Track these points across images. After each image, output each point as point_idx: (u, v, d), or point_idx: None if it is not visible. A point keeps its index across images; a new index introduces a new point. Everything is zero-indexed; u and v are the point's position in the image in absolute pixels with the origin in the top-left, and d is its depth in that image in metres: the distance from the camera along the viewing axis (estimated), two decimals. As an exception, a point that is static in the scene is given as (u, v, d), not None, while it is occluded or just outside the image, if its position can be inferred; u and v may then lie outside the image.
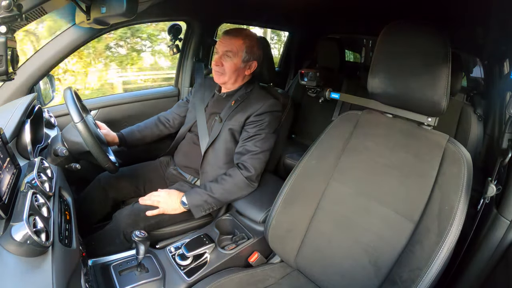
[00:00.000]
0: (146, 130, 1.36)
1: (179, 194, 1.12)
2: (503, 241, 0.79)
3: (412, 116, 0.86)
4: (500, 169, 0.81)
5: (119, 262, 0.94)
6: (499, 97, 1.55)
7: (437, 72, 0.74)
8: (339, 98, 1.26)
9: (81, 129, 0.90)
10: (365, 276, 0.82)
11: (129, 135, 1.31)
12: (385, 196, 0.84)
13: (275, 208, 0.97)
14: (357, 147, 0.92)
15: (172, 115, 1.41)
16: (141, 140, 1.35)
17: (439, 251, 0.70)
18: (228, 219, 1.16)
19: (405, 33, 0.80)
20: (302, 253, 0.94)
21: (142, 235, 0.85)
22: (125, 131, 1.33)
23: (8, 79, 0.76)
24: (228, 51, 1.16)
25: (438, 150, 0.79)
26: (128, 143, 1.30)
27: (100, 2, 0.89)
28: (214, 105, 1.28)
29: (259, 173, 1.16)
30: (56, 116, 1.25)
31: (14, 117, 0.87)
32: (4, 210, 0.55)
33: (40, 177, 0.70)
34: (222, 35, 1.21)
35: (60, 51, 1.17)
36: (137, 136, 1.34)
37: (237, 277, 0.93)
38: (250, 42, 1.18)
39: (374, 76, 0.84)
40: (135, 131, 1.34)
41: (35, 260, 0.53)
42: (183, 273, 0.93)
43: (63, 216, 0.72)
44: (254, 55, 1.20)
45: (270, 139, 1.17)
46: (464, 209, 0.72)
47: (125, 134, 1.30)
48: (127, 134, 1.31)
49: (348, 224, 0.87)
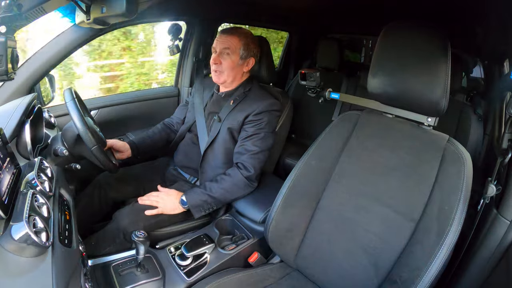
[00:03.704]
0: (156, 136, 1.36)
1: (178, 194, 1.12)
2: (503, 241, 0.79)
3: (412, 116, 0.86)
4: (500, 169, 0.81)
5: (119, 262, 0.94)
6: (499, 97, 1.55)
7: (437, 72, 0.74)
8: (339, 98, 1.26)
9: (81, 129, 0.90)
10: (365, 276, 0.82)
11: (140, 143, 1.30)
12: (385, 196, 0.83)
13: (275, 208, 0.97)
14: (357, 147, 0.92)
15: (176, 120, 1.42)
16: (152, 147, 1.34)
17: (439, 251, 0.70)
18: (228, 219, 1.16)
19: (405, 33, 0.80)
20: (302, 253, 0.94)
21: (142, 235, 0.86)
22: (135, 140, 1.31)
23: (8, 79, 0.76)
24: (226, 48, 1.17)
25: (438, 150, 0.79)
26: (141, 152, 1.30)
27: (100, 2, 0.89)
28: (213, 105, 1.28)
29: (258, 173, 1.16)
30: (56, 116, 1.25)
31: (14, 117, 0.87)
32: (4, 210, 0.55)
33: (40, 177, 0.70)
34: (219, 34, 1.22)
35: (60, 51, 1.17)
36: (149, 143, 1.33)
37: (237, 277, 0.93)
38: (246, 39, 1.20)
39: (373, 76, 0.84)
40: (146, 138, 1.34)
41: (35, 260, 0.53)
42: (183, 273, 0.93)
43: (63, 216, 0.72)
44: (251, 51, 1.22)
45: (269, 138, 1.17)
46: (464, 209, 0.72)
47: (137, 143, 1.29)
48: (139, 143, 1.30)
49: (348, 224, 0.87)
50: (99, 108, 1.49)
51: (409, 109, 0.86)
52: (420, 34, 0.78)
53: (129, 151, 1.25)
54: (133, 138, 1.33)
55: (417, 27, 0.79)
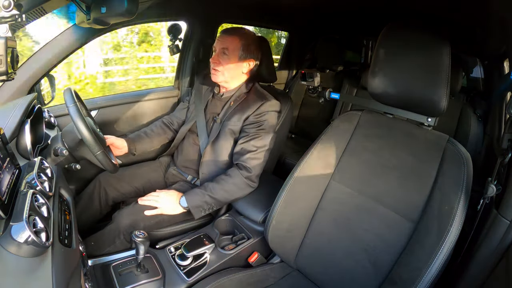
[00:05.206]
0: (153, 134, 1.36)
1: (178, 194, 1.12)
2: (503, 241, 0.78)
3: (412, 116, 0.86)
4: (500, 169, 0.81)
5: (119, 262, 0.94)
6: (499, 97, 1.55)
7: (437, 72, 0.74)
8: (339, 98, 1.26)
9: (81, 128, 0.90)
10: (365, 276, 0.82)
11: (137, 140, 1.30)
12: (385, 196, 0.84)
13: (275, 208, 0.97)
14: (357, 147, 0.92)
15: (175, 119, 1.41)
16: (149, 144, 1.34)
17: (439, 251, 0.70)
18: (228, 219, 1.16)
19: (405, 33, 0.80)
20: (302, 253, 0.94)
21: (142, 235, 0.86)
22: (132, 136, 1.31)
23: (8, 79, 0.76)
24: (225, 48, 1.17)
25: (438, 150, 0.79)
26: (138, 149, 1.30)
27: (100, 2, 0.89)
28: (213, 105, 1.28)
29: (258, 173, 1.16)
30: (56, 116, 1.25)
31: (14, 117, 0.87)
32: (4, 210, 0.55)
33: (40, 177, 0.70)
34: (220, 34, 1.22)
35: (60, 51, 1.17)
36: (146, 140, 1.33)
37: (237, 277, 0.93)
38: (246, 41, 1.19)
39: (374, 76, 0.84)
40: (142, 136, 1.33)
41: (35, 260, 0.53)
42: (183, 273, 0.93)
43: (63, 216, 0.71)
44: (251, 53, 1.21)
45: (269, 139, 1.17)
46: (464, 209, 0.72)
47: (133, 139, 1.29)
48: (135, 140, 1.30)
49: (348, 224, 0.87)
50: (99, 108, 1.49)
51: (409, 109, 0.86)
52: (420, 34, 0.78)
53: (126, 148, 1.25)
54: (130, 135, 1.33)
55: (417, 27, 0.79)
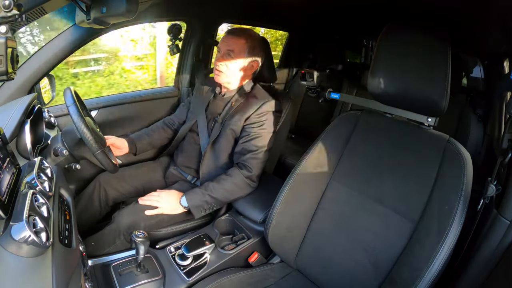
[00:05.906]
0: (155, 134, 1.36)
1: (178, 194, 1.12)
2: (503, 241, 0.78)
3: (412, 116, 0.87)
4: (500, 169, 0.81)
5: (119, 262, 0.94)
6: (499, 97, 1.55)
7: (437, 72, 0.74)
8: (339, 98, 1.26)
9: (81, 128, 0.90)
10: (365, 276, 0.82)
11: (138, 140, 1.31)
12: (385, 196, 0.84)
13: (275, 208, 0.97)
14: (357, 147, 0.92)
15: (177, 119, 1.42)
16: (150, 144, 1.35)
17: (439, 251, 0.70)
18: (228, 219, 1.16)
19: (405, 33, 0.80)
20: (302, 253, 0.94)
21: (142, 235, 0.86)
22: (133, 136, 1.32)
23: (8, 79, 0.76)
24: (230, 50, 1.16)
25: (438, 150, 0.79)
26: (139, 149, 1.30)
27: (100, 2, 0.89)
28: (214, 105, 1.28)
29: (259, 173, 1.16)
30: (56, 116, 1.25)
31: (14, 117, 0.87)
32: (4, 210, 0.55)
33: (40, 177, 0.70)
34: (225, 34, 1.21)
35: (60, 51, 1.17)
36: (147, 140, 1.33)
37: (237, 277, 0.93)
38: (252, 43, 1.18)
39: (374, 76, 0.84)
40: (143, 135, 1.34)
41: (35, 260, 0.53)
42: (183, 273, 0.93)
43: (63, 216, 0.71)
44: (256, 55, 1.21)
45: (269, 139, 1.17)
46: (464, 209, 0.72)
47: (134, 140, 1.29)
48: (136, 139, 1.30)
49: (348, 224, 0.87)
50: (99, 108, 1.49)
51: (409, 109, 0.86)
52: (420, 34, 0.78)
53: (126, 148, 1.25)
54: (131, 135, 1.33)
55: (417, 27, 0.79)
